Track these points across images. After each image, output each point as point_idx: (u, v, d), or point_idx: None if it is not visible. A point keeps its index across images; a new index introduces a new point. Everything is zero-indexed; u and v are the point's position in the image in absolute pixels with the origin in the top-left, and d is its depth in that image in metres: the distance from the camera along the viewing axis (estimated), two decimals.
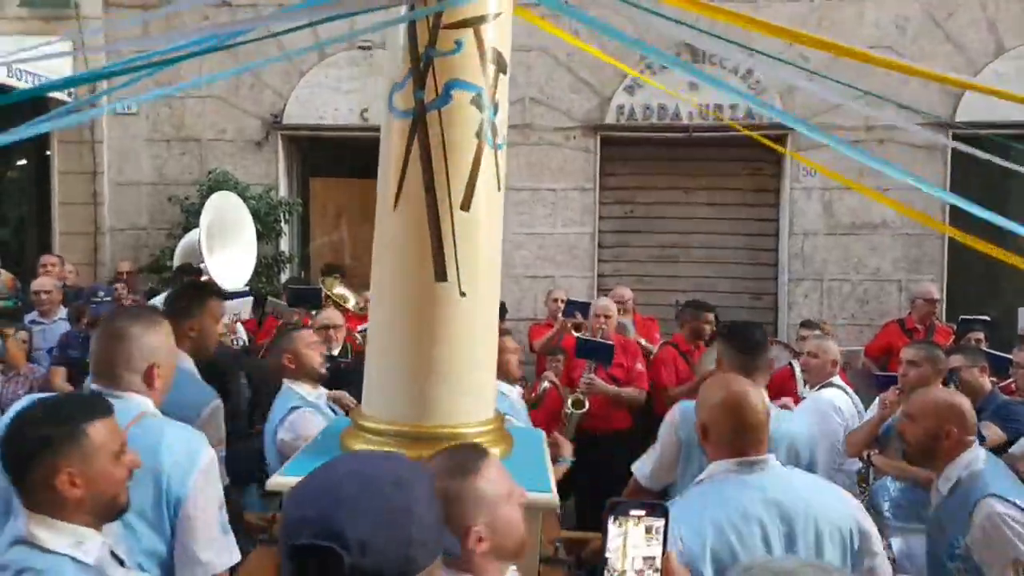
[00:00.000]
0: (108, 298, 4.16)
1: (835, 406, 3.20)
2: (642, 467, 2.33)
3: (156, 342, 1.75)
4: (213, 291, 2.66)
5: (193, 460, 1.56)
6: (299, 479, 0.91)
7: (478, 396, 1.80)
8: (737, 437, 1.62)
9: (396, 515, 0.84)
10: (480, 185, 1.75)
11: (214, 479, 1.61)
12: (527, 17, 2.13)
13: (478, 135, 1.76)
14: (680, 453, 2.25)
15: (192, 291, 2.58)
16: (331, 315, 4.20)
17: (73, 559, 1.21)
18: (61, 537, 1.22)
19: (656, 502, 1.13)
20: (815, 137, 2.23)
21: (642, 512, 1.09)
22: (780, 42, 6.37)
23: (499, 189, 1.82)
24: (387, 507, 0.84)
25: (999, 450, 3.04)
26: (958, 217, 6.29)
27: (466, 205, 1.73)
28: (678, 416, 2.29)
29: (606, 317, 4.40)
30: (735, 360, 2.41)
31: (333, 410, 2.78)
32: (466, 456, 1.25)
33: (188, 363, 2.25)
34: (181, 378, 1.93)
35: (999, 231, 6.74)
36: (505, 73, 1.87)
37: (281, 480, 1.62)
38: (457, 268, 1.72)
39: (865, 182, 6.30)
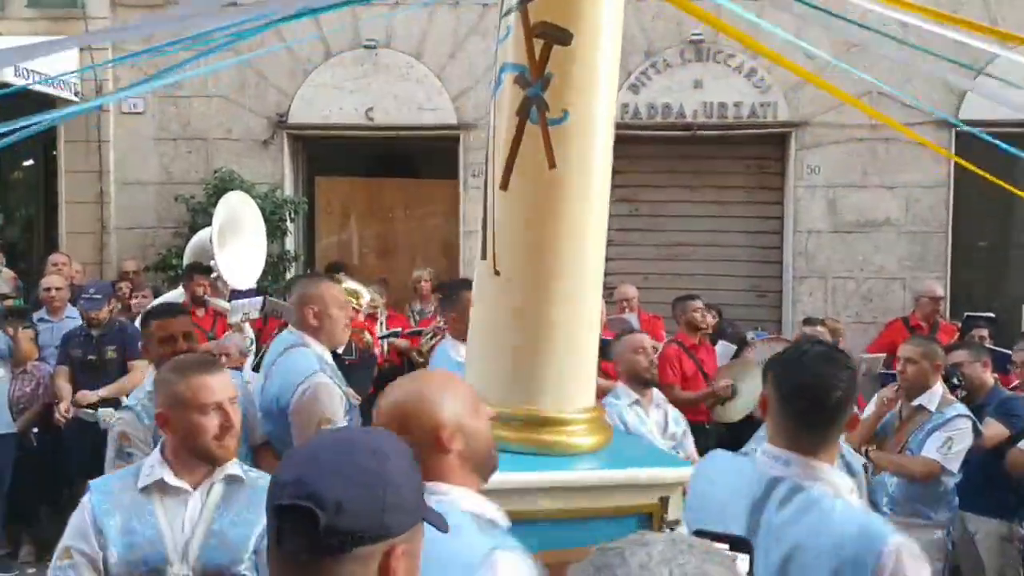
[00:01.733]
0: (99, 295, 4.12)
1: None
2: None
3: None
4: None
5: None
6: None
7: (508, 381, 1.83)
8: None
9: (371, 479, 0.86)
10: (520, 164, 1.78)
11: None
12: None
13: (518, 113, 1.78)
14: None
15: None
16: None
17: None
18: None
19: (740, 537, 1.12)
20: None
21: (725, 547, 1.08)
22: (784, 40, 6.36)
23: (551, 167, 1.79)
24: (363, 471, 0.86)
25: (1003, 445, 3.08)
26: (960, 220, 6.31)
27: (504, 185, 1.78)
28: None
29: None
30: (786, 425, 1.40)
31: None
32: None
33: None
34: None
35: (1002, 231, 6.78)
36: (565, 43, 1.76)
37: None
38: (494, 248, 1.79)
39: (869, 181, 6.32)
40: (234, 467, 1.68)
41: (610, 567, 0.65)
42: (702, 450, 2.94)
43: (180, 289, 4.83)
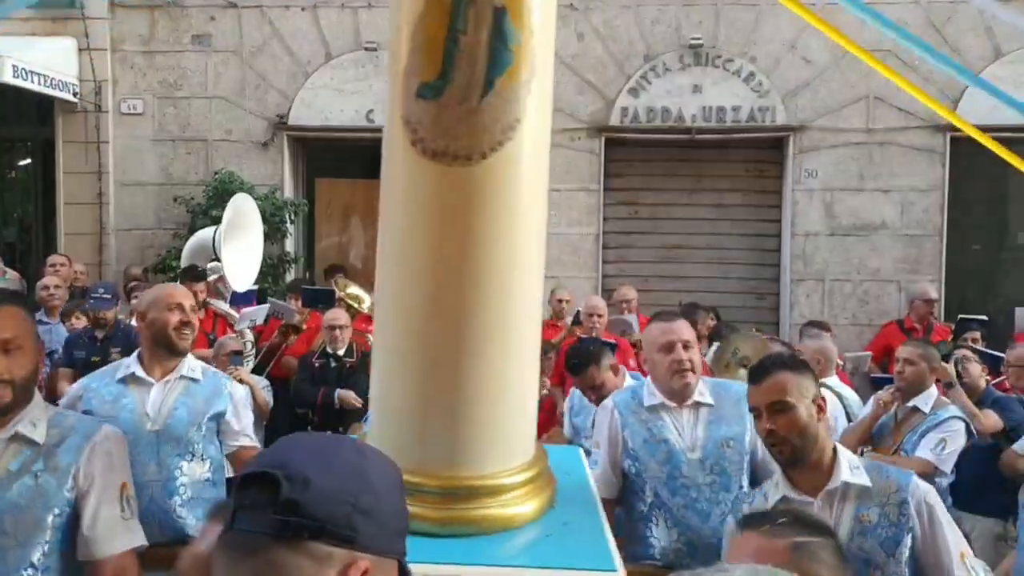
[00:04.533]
0: (108, 295, 4.14)
1: None
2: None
3: None
4: None
5: None
6: None
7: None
8: None
9: (350, 470, 0.77)
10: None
11: None
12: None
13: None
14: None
15: None
16: (336, 314, 4.23)
17: None
18: None
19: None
20: None
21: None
22: (782, 44, 6.39)
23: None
24: (344, 461, 0.78)
25: (999, 443, 3.14)
26: (954, 223, 6.38)
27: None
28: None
29: (598, 316, 4.47)
30: None
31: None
32: None
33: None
34: None
35: (996, 232, 6.87)
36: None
37: None
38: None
39: (866, 184, 6.39)
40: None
41: None
42: None
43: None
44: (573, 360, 2.88)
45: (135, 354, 2.29)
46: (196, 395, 2.21)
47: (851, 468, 1.62)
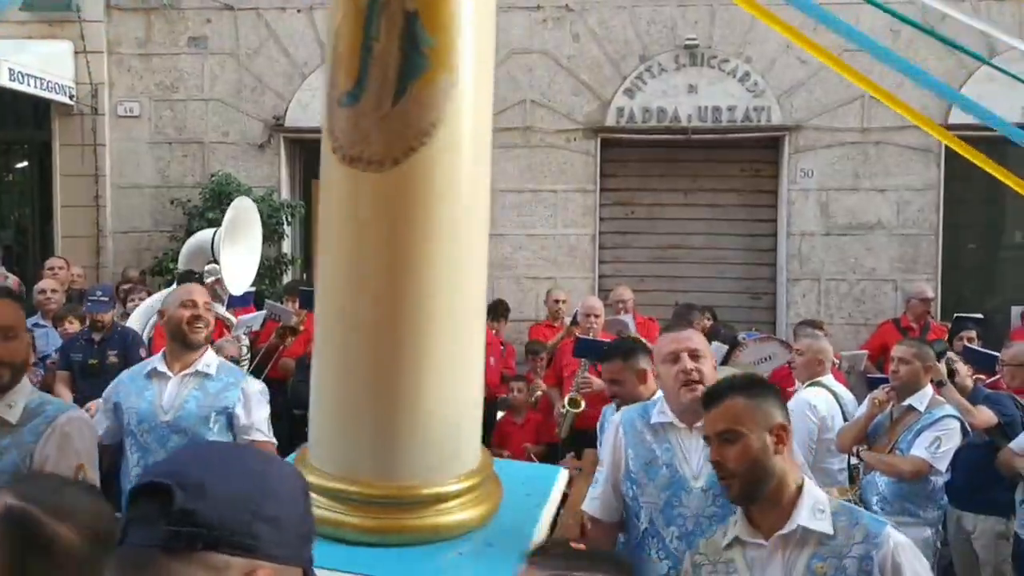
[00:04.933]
0: (105, 298, 4.14)
1: (810, 405, 3.25)
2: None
3: None
4: None
5: None
6: None
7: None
8: None
9: (251, 475, 0.73)
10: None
11: None
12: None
13: None
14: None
15: None
16: None
17: None
18: None
19: None
20: None
21: None
22: (778, 44, 6.43)
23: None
24: (243, 467, 0.74)
25: (992, 433, 3.16)
26: (950, 223, 6.40)
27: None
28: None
29: (595, 316, 4.48)
30: None
31: None
32: None
33: None
34: None
35: (992, 232, 6.86)
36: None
37: None
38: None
39: (861, 184, 6.41)
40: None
41: None
42: None
43: (172, 288, 4.84)
44: (610, 347, 2.84)
45: (162, 351, 2.51)
46: (207, 389, 2.37)
47: (814, 511, 1.43)
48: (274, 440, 2.46)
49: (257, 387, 2.45)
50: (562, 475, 1.90)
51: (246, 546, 0.70)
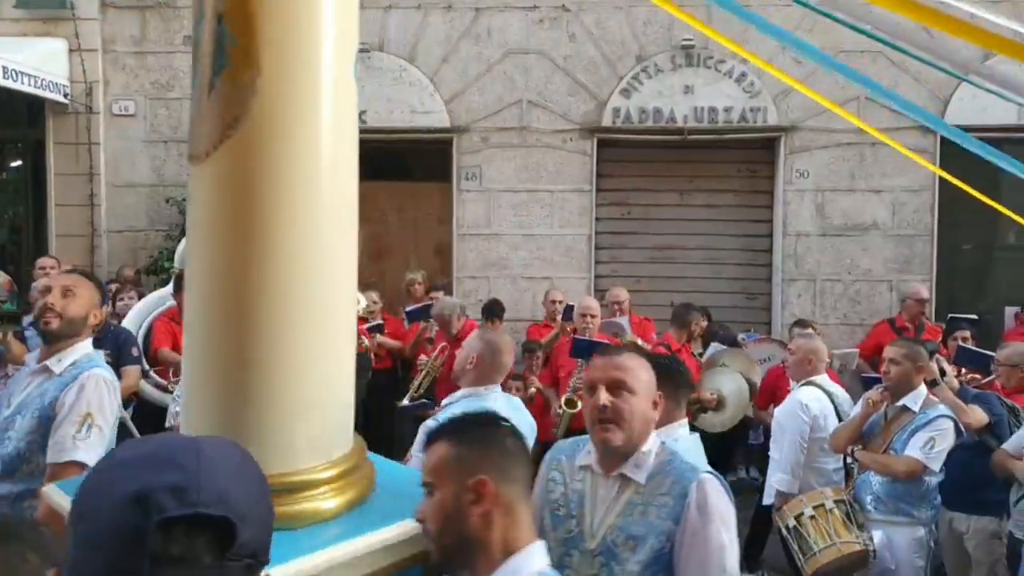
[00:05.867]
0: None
1: (802, 404, 3.28)
2: None
3: None
4: None
5: None
6: None
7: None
8: None
9: (260, 484, 0.71)
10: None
11: None
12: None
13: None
14: None
15: None
16: None
17: None
18: None
19: None
20: None
21: None
22: (774, 46, 6.44)
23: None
24: (250, 473, 0.71)
25: (982, 433, 3.17)
26: (945, 224, 6.42)
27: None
28: None
29: (591, 316, 4.49)
30: (671, 400, 2.08)
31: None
32: None
33: None
34: None
35: (986, 234, 6.88)
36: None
37: None
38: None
39: (857, 185, 6.42)
40: None
41: None
42: None
43: (169, 288, 4.83)
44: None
45: None
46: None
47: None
48: None
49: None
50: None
51: (266, 560, 0.69)
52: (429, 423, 1.93)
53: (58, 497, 1.56)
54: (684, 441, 2.09)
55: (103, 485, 0.66)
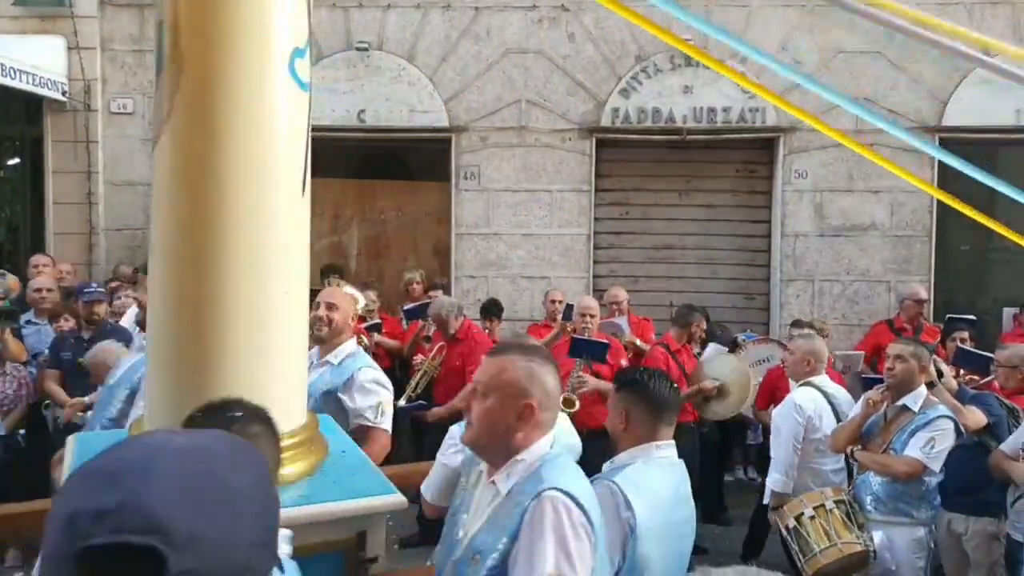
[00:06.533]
0: (101, 290, 4.16)
1: (797, 406, 3.27)
2: None
3: None
4: None
5: None
6: None
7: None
8: None
9: (227, 493, 0.60)
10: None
11: None
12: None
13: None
14: None
15: None
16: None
17: None
18: None
19: None
20: None
21: None
22: (773, 46, 6.45)
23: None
24: (215, 483, 0.60)
25: (981, 434, 3.17)
26: (943, 224, 6.43)
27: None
28: None
29: (591, 316, 4.48)
30: (644, 417, 1.90)
31: None
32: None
33: None
34: None
35: (984, 235, 6.85)
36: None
37: None
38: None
39: (855, 185, 6.43)
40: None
41: None
42: (688, 448, 2.95)
43: None
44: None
45: None
46: (325, 376, 2.63)
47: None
48: (380, 425, 2.58)
49: (365, 376, 2.61)
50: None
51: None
52: (455, 428, 1.86)
53: None
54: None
55: (56, 501, 0.59)
